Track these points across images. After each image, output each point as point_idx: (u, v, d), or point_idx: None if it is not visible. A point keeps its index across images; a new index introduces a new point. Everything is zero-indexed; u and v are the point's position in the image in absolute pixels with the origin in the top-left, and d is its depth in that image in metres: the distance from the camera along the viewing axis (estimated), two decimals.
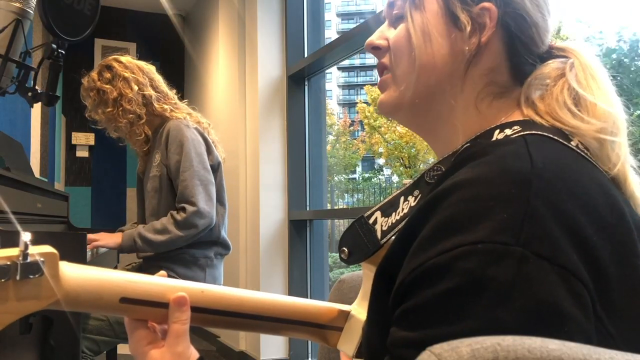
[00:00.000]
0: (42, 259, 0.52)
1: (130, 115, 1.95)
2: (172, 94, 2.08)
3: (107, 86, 1.95)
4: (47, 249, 0.53)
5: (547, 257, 0.44)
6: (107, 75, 1.97)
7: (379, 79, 0.71)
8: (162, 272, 0.65)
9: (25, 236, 0.50)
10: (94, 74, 2.00)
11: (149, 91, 1.98)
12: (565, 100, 0.59)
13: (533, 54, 0.64)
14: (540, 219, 0.46)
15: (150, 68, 2.06)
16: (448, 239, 0.47)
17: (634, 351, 0.44)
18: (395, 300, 0.51)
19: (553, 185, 0.48)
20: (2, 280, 0.50)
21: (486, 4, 0.61)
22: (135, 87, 1.95)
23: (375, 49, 0.69)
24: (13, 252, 0.51)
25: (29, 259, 0.51)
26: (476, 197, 0.48)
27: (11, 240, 0.54)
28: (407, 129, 0.72)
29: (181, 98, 2.13)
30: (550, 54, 0.65)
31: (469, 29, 0.61)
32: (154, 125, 2.02)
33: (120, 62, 2.00)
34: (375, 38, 0.69)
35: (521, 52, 0.63)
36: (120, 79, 1.95)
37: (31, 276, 0.52)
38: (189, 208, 1.84)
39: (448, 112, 0.64)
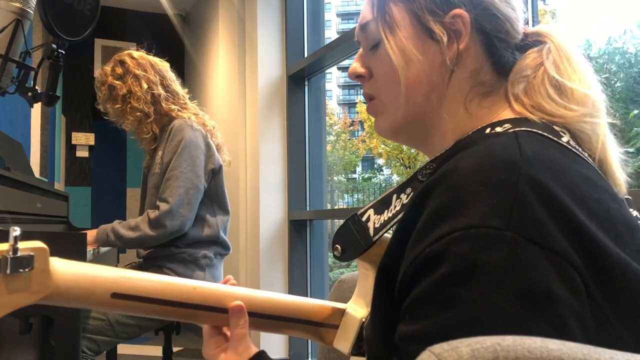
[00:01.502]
0: (32, 254, 0.53)
1: (138, 113, 1.95)
2: (183, 93, 2.07)
3: (117, 82, 1.95)
4: (37, 244, 0.54)
5: (537, 242, 0.45)
6: (119, 70, 1.97)
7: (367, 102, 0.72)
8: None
9: (15, 231, 0.51)
10: (107, 68, 2.01)
11: (159, 90, 1.97)
12: (547, 90, 0.60)
13: (510, 45, 0.64)
14: (529, 204, 0.47)
15: (164, 65, 2.06)
16: (441, 226, 0.48)
17: (631, 335, 0.45)
18: (400, 295, 0.51)
19: (541, 173, 0.49)
20: None
21: (457, 11, 0.62)
22: (145, 86, 1.95)
23: (359, 77, 0.70)
24: (3, 246, 0.52)
25: (19, 253, 0.52)
26: (465, 183, 0.49)
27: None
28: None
29: (191, 99, 2.13)
30: (526, 40, 0.65)
31: (445, 39, 0.62)
32: (162, 123, 2.02)
33: (133, 58, 2.00)
34: (357, 66, 0.70)
35: (499, 48, 0.64)
36: (131, 75, 1.96)
37: (21, 270, 0.52)
38: (162, 207, 1.81)
39: (439, 121, 0.65)
